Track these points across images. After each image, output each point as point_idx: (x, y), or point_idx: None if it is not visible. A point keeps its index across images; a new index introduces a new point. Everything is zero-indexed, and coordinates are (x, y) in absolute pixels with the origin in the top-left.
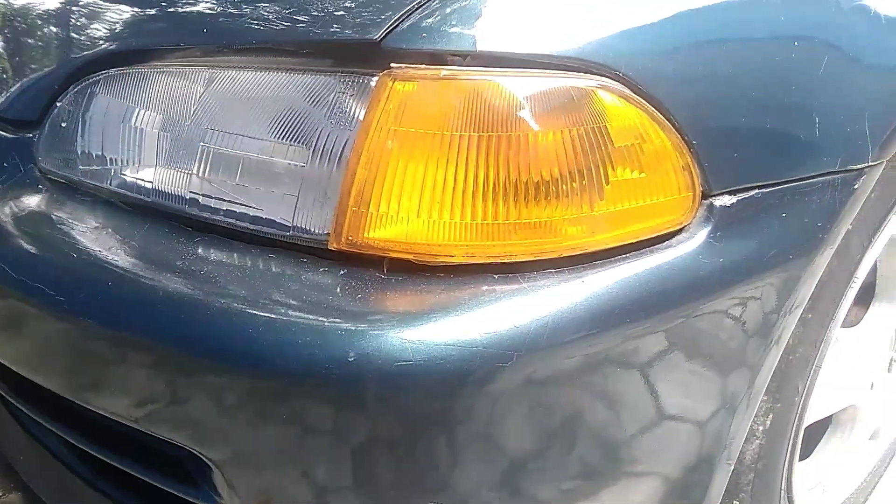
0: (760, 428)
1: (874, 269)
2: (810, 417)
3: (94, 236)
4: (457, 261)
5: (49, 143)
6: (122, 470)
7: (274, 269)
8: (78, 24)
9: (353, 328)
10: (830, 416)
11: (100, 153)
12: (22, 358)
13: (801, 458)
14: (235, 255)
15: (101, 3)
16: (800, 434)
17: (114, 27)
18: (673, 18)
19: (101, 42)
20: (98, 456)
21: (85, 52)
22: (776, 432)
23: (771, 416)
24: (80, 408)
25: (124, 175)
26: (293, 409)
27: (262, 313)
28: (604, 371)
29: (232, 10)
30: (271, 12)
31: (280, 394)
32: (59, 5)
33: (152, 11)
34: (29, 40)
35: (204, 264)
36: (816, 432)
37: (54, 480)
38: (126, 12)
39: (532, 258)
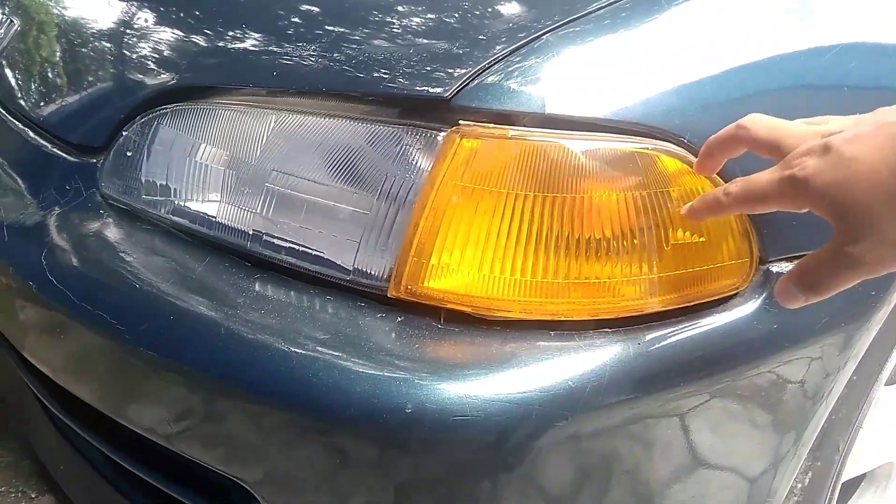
0: (799, 485)
1: None
2: (847, 474)
3: (155, 266)
4: (514, 316)
5: (113, 170)
6: (157, 486)
7: (331, 311)
8: (148, 55)
9: (410, 378)
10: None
11: (164, 184)
12: (74, 377)
13: None
14: (294, 294)
15: (173, 36)
16: (836, 491)
17: (183, 61)
18: (735, 82)
19: (169, 75)
20: (139, 474)
21: (153, 84)
22: (814, 489)
23: (810, 473)
24: (124, 428)
25: (187, 207)
26: (346, 452)
27: (321, 356)
28: (653, 431)
29: (302, 55)
30: (340, 60)
31: (335, 437)
32: (131, 34)
33: (222, 49)
34: (97, 68)
35: (264, 302)
36: (851, 486)
37: (89, 488)
38: (196, 47)
39: (588, 317)
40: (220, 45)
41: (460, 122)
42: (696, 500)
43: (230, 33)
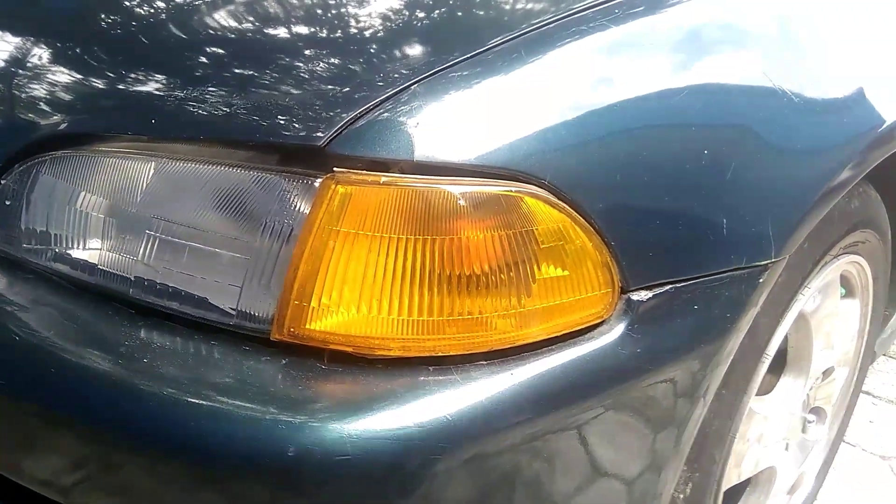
0: (681, 496)
1: (785, 339)
2: (728, 482)
3: (36, 315)
4: (393, 354)
5: None
6: None
7: (216, 356)
8: (25, 102)
9: (292, 420)
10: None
11: (44, 231)
12: None
13: None
14: (179, 339)
15: (50, 84)
16: (719, 498)
17: (62, 109)
18: (592, 127)
19: (48, 123)
20: None
21: (31, 132)
22: (696, 498)
23: (690, 484)
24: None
25: (68, 255)
26: (232, 495)
27: (204, 402)
28: (532, 455)
29: (182, 102)
30: (221, 107)
31: (219, 481)
32: (4, 82)
33: (100, 95)
34: None
35: (147, 350)
36: (736, 492)
37: None
38: (75, 94)
39: (464, 352)
40: (99, 92)
41: (335, 168)
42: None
43: (108, 81)
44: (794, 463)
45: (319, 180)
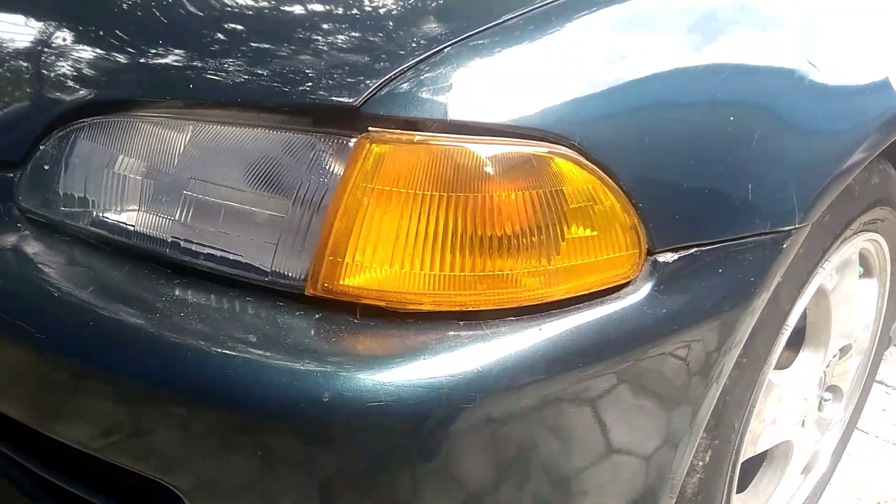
0: (700, 463)
1: (804, 316)
2: (747, 453)
3: (74, 275)
4: (425, 308)
5: (30, 184)
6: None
7: (251, 312)
8: (66, 71)
9: (327, 370)
10: (765, 451)
11: (82, 196)
12: None
13: (738, 491)
14: (213, 297)
15: (90, 52)
16: (737, 468)
17: (101, 76)
18: (621, 92)
19: (87, 90)
20: (65, 487)
21: (71, 99)
22: (715, 467)
23: (710, 451)
24: (50, 440)
25: (105, 218)
26: (270, 448)
27: (239, 354)
28: (557, 410)
29: (218, 68)
30: (256, 72)
31: (258, 433)
32: (48, 51)
33: (139, 64)
34: (14, 85)
35: (183, 306)
36: (753, 466)
37: None
38: (114, 62)
39: (494, 307)
40: (137, 59)
41: (370, 128)
42: (600, 478)
43: (147, 48)
44: (811, 440)
45: (354, 140)
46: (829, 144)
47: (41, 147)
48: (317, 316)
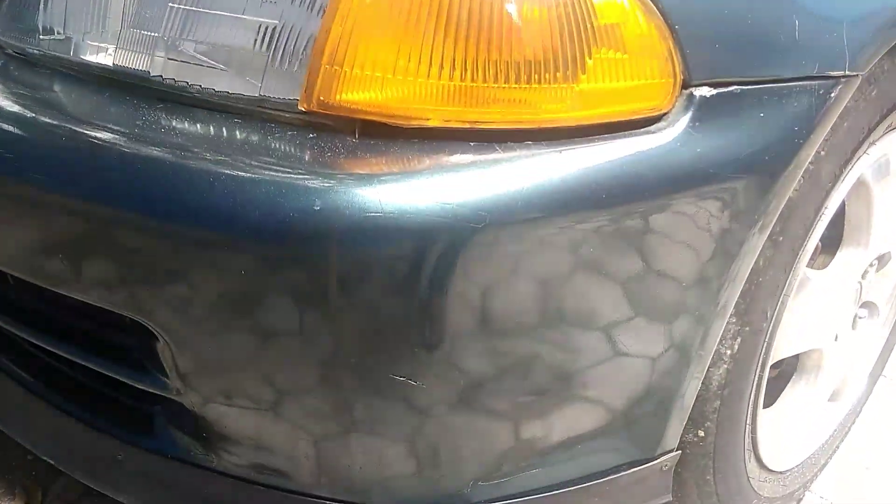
0: (728, 352)
1: (842, 215)
2: (777, 351)
3: (53, 102)
4: (432, 124)
5: (9, 16)
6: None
7: (239, 136)
8: None
9: (321, 184)
10: (795, 366)
11: (62, 24)
12: None
13: (765, 406)
14: (199, 124)
15: None
16: (766, 368)
17: None
18: None
19: None
20: (47, 348)
21: None
22: (743, 358)
23: (739, 339)
24: (26, 299)
25: (87, 43)
26: (254, 265)
27: (224, 170)
28: (574, 249)
29: None
30: None
31: (240, 247)
32: None
33: None
34: None
35: (165, 129)
36: (781, 383)
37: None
38: None
39: (509, 127)
40: None
41: None
42: (625, 337)
43: None
44: (842, 360)
45: None
46: None
47: None
48: (311, 136)
